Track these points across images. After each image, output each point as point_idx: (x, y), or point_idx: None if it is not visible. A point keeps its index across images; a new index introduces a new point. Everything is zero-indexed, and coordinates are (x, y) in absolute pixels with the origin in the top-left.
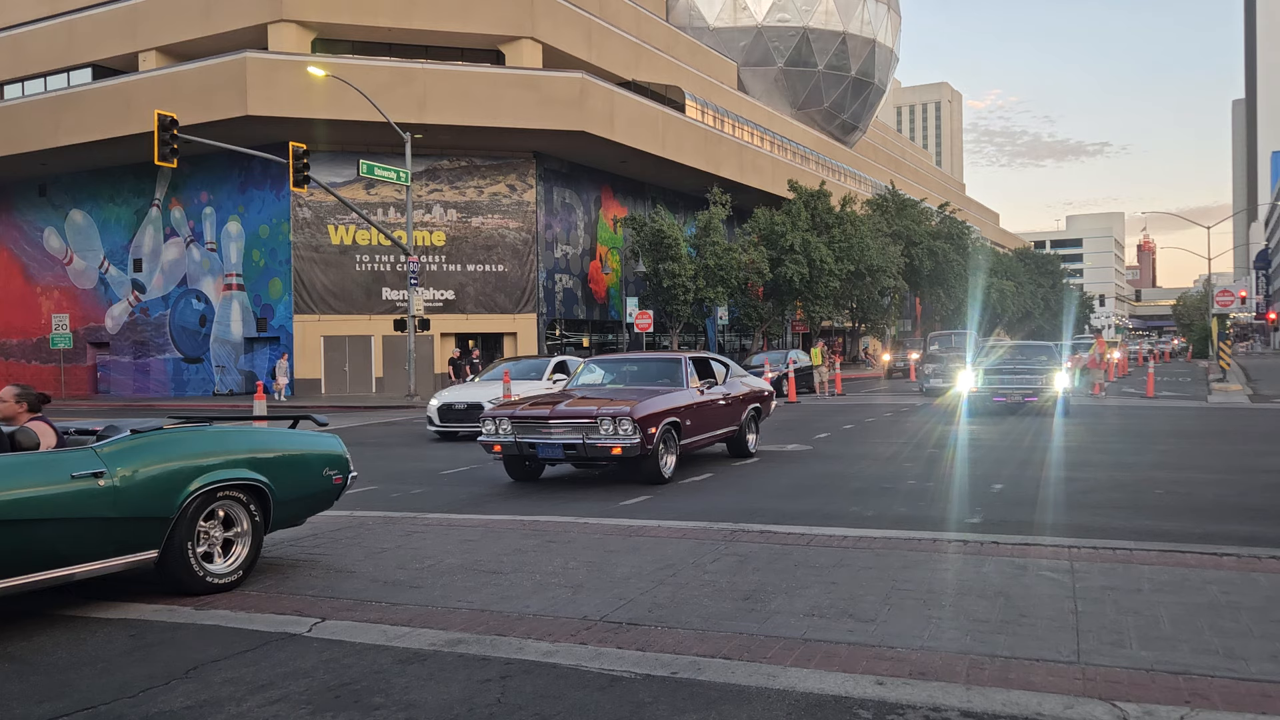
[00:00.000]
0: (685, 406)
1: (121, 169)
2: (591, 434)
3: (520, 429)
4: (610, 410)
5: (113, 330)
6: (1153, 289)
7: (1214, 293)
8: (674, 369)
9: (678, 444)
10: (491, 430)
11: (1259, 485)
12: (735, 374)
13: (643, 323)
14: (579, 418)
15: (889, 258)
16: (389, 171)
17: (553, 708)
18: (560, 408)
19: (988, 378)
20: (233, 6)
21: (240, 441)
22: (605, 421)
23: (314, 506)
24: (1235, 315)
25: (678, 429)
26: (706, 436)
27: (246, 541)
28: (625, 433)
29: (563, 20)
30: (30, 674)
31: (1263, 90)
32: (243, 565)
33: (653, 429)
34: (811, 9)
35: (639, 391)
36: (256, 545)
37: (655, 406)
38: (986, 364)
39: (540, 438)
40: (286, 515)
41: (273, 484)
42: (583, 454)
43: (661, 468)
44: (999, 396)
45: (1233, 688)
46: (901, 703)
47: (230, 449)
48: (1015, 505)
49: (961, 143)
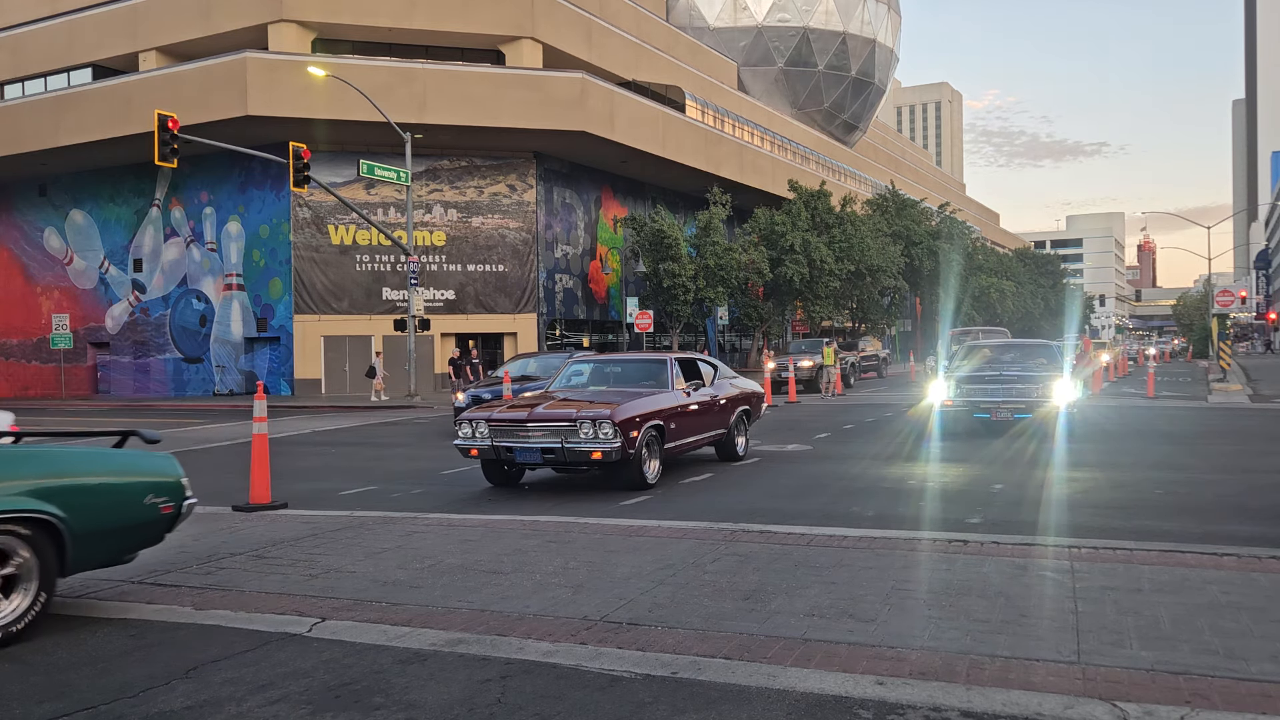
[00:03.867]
0: (670, 409)
1: (121, 169)
2: (571, 438)
3: (498, 432)
4: (590, 413)
5: (113, 330)
6: (1153, 289)
7: (1214, 293)
8: (659, 370)
9: (662, 448)
10: (468, 434)
11: (1259, 485)
12: (724, 375)
13: (643, 323)
14: (558, 421)
15: (889, 258)
16: (389, 171)
17: (553, 708)
18: (539, 410)
19: (967, 387)
20: (233, 6)
21: (26, 465)
22: (585, 425)
23: (135, 541)
24: (1235, 315)
25: (662, 432)
26: (693, 440)
27: (31, 586)
28: (606, 436)
29: (563, 20)
30: (30, 674)
31: (1263, 90)
32: (23, 614)
33: (635, 432)
34: (811, 9)
35: (622, 394)
36: (45, 589)
37: (638, 409)
38: (966, 369)
39: (518, 441)
40: (93, 553)
41: (67, 516)
42: (562, 458)
43: (644, 473)
44: (982, 413)
45: (1233, 688)
46: (902, 703)
47: (10, 474)
48: (1015, 505)
49: (962, 143)
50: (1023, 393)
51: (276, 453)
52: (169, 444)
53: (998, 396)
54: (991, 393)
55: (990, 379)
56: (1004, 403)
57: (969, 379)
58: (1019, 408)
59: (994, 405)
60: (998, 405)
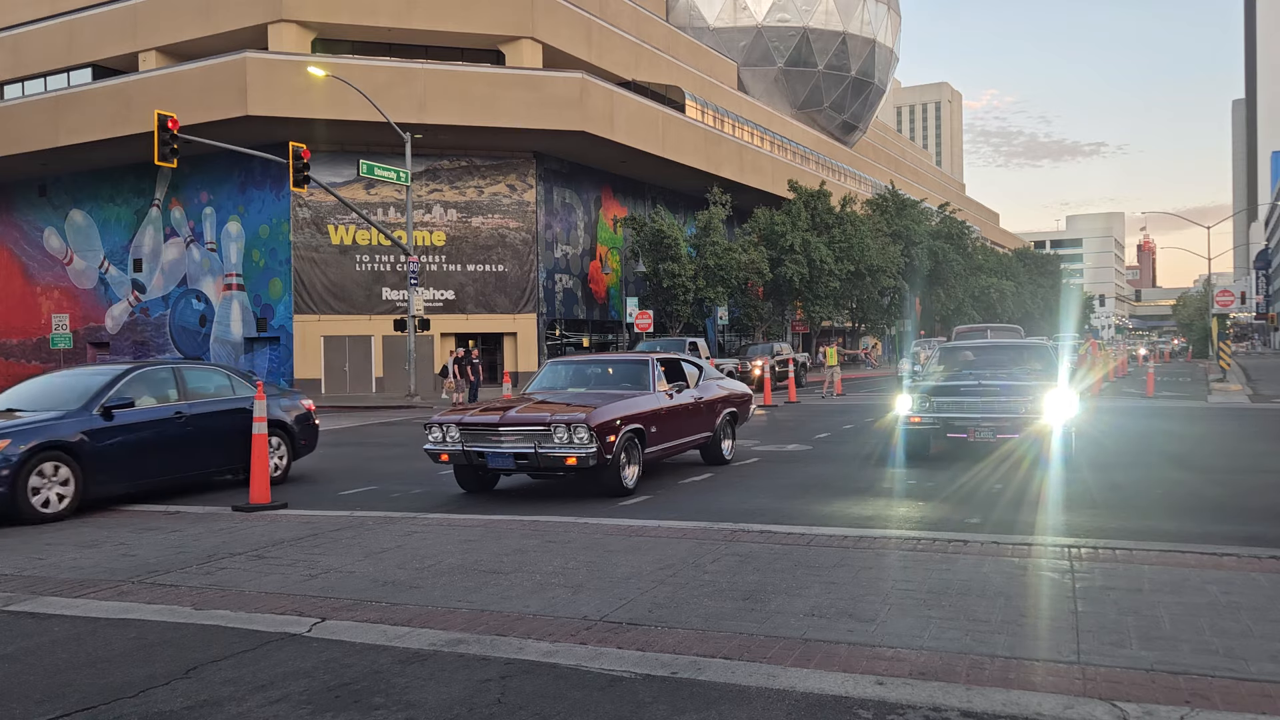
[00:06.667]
0: (650, 412)
1: (121, 169)
2: (545, 442)
3: (469, 437)
4: (565, 417)
5: (113, 330)
6: (1153, 289)
7: (1214, 293)
8: (640, 372)
9: (641, 453)
10: (438, 438)
11: (1259, 485)
12: (710, 376)
13: (643, 323)
14: (531, 424)
15: (889, 258)
16: (389, 171)
17: (553, 708)
18: (511, 414)
19: (938, 400)
20: (233, 6)
21: None
22: (559, 429)
23: None
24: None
25: (641, 436)
26: (675, 444)
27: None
28: (581, 441)
29: (563, 20)
30: (30, 674)
31: (1263, 90)
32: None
33: (612, 437)
34: (811, 9)
35: (600, 396)
36: None
37: (615, 412)
38: (938, 377)
39: (490, 446)
40: None
41: None
42: (536, 464)
43: (623, 479)
44: (957, 432)
45: (1233, 688)
46: (901, 703)
47: None
48: (1015, 505)
49: (962, 143)
50: (1007, 407)
51: None
52: None
53: (975, 412)
54: (968, 407)
55: (967, 390)
56: (984, 420)
57: (940, 390)
58: (1002, 426)
59: (971, 423)
60: (975, 423)
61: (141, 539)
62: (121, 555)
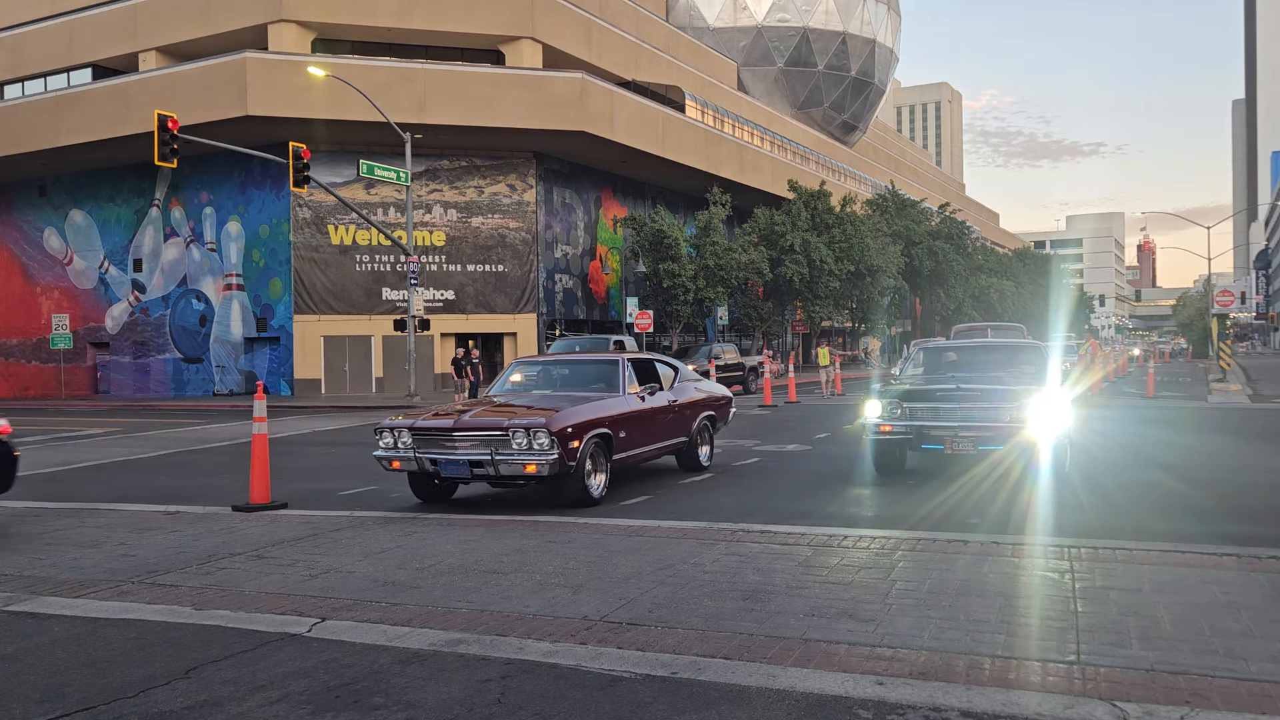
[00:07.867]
0: (618, 416)
1: (121, 169)
2: (503, 449)
3: (421, 442)
4: (524, 421)
5: (113, 330)
6: (1153, 289)
7: (1214, 293)
8: (610, 373)
9: (609, 460)
10: (389, 444)
11: (1259, 485)
12: (686, 378)
13: (643, 323)
14: (488, 430)
15: (889, 258)
16: (389, 171)
17: (553, 708)
18: (466, 418)
19: (911, 407)
20: (233, 6)
21: None
22: (518, 434)
23: None
24: (1235, 315)
25: (608, 442)
26: (647, 450)
27: None
28: (541, 447)
29: (563, 20)
30: (30, 674)
31: (1263, 90)
32: None
33: (575, 443)
34: (811, 9)
35: (566, 398)
36: None
37: (578, 416)
38: (913, 380)
39: (443, 453)
40: None
41: None
42: (493, 472)
43: (589, 487)
44: (933, 443)
45: (1233, 688)
46: (901, 703)
47: None
48: (1015, 505)
49: (962, 143)
50: (990, 415)
51: (276, 453)
52: (169, 443)
53: (954, 420)
54: (945, 415)
55: (944, 395)
56: (963, 429)
57: (913, 394)
58: (984, 437)
59: (948, 433)
60: (954, 433)
61: (141, 539)
62: (121, 555)
